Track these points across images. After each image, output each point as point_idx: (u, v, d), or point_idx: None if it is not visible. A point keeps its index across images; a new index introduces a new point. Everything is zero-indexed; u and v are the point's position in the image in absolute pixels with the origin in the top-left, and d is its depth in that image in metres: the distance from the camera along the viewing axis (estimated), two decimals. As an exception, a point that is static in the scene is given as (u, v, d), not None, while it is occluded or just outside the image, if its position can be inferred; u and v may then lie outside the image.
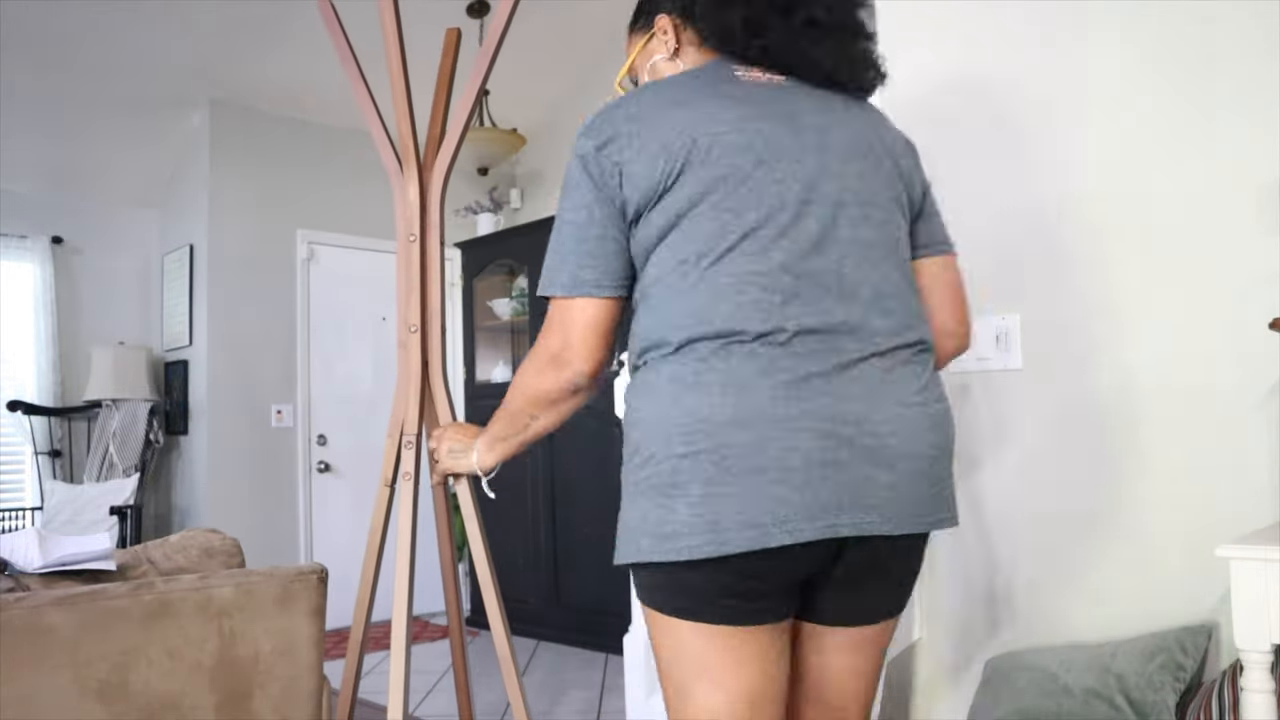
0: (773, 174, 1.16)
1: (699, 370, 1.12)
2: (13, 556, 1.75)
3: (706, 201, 1.15)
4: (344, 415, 5.23)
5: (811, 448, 1.09)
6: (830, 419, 1.10)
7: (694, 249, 1.15)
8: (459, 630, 2.12)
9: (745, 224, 1.14)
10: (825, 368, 1.12)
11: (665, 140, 1.16)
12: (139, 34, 4.26)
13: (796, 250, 1.14)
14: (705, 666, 1.15)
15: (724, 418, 1.09)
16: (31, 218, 4.91)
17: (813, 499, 1.09)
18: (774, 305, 1.12)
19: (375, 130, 2.04)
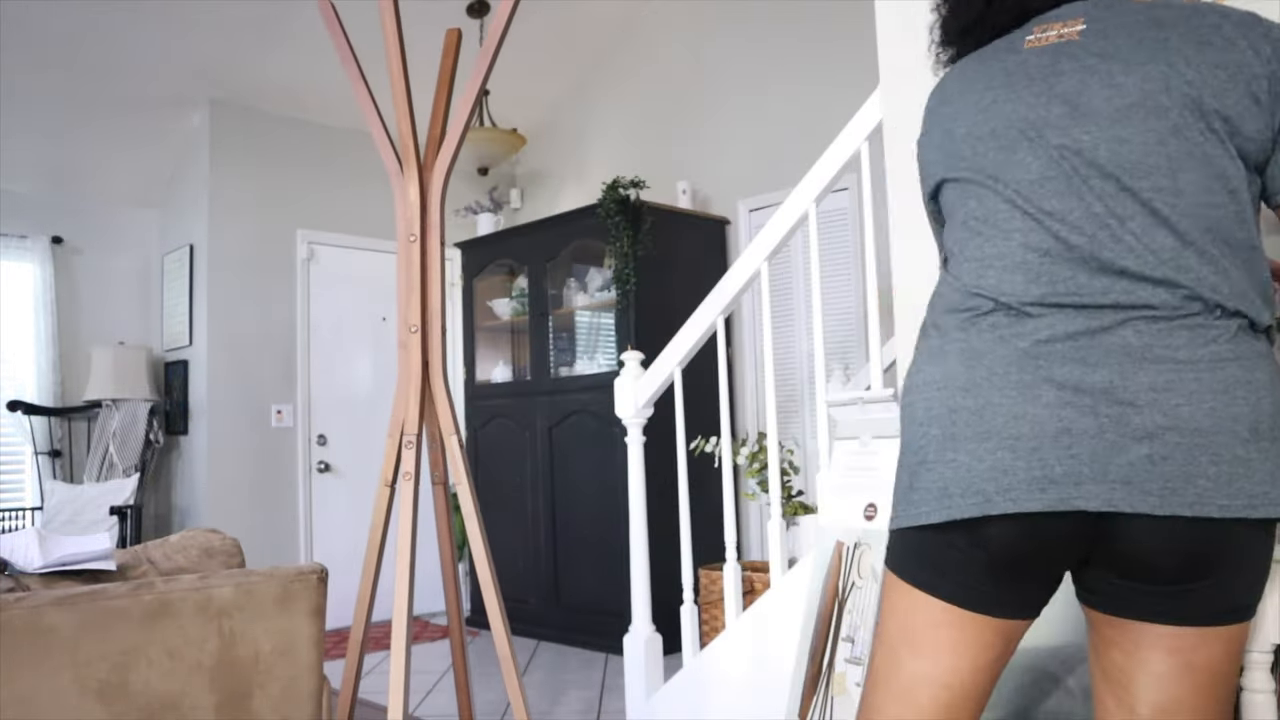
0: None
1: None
2: (13, 556, 1.75)
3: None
4: (344, 415, 5.23)
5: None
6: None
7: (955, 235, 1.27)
8: (459, 630, 2.12)
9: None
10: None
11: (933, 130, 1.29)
12: (139, 34, 4.26)
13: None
14: (919, 639, 1.15)
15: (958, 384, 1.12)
16: (31, 218, 4.91)
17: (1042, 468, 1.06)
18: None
19: (375, 130, 2.04)
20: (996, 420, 1.07)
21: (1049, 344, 1.08)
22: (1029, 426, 1.06)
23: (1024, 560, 1.09)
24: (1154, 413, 1.02)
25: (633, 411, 2.84)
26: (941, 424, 1.12)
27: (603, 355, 4.79)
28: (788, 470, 3.59)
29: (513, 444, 4.88)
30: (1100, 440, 1.03)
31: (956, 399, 1.11)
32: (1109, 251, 1.08)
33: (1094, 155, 1.10)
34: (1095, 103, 1.11)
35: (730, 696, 2.55)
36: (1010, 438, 1.06)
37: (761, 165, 4.63)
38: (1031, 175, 1.14)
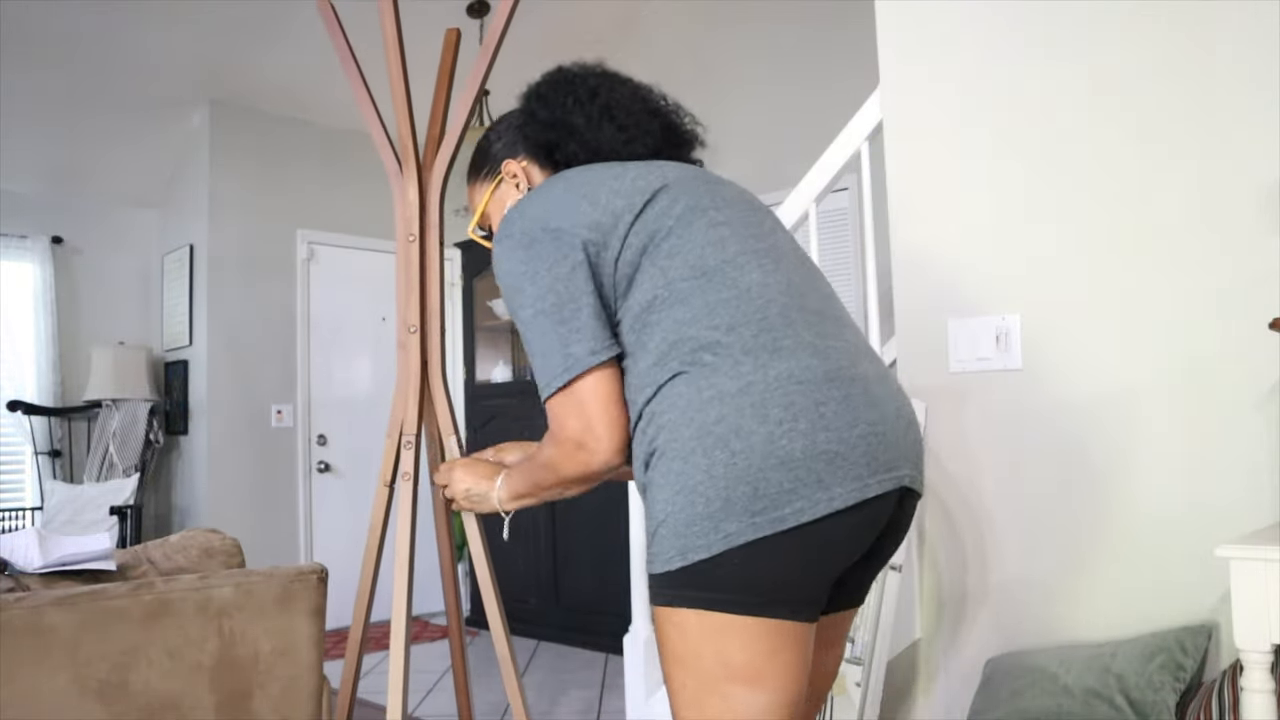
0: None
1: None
2: (13, 556, 1.75)
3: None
4: (344, 415, 5.23)
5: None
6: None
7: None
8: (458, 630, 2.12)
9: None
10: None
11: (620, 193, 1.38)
12: (139, 34, 4.26)
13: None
14: (758, 671, 1.11)
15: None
16: (31, 218, 4.91)
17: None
18: None
19: (375, 130, 2.04)
20: (854, 407, 1.22)
21: (841, 357, 1.27)
22: (869, 411, 1.22)
23: (844, 552, 1.15)
24: (901, 408, 1.24)
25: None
26: (809, 417, 1.21)
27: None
28: (788, 470, 3.58)
29: (513, 444, 4.87)
30: (894, 430, 1.20)
31: (818, 391, 1.25)
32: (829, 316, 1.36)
33: (781, 239, 1.40)
34: (744, 214, 1.39)
35: (730, 696, 2.54)
36: (865, 422, 1.21)
37: (761, 165, 4.63)
38: (761, 247, 1.35)
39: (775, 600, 1.09)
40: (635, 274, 1.21)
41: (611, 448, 1.18)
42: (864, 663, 2.07)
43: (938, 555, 2.19)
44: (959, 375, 2.17)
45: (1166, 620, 1.84)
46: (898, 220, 2.32)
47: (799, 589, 1.10)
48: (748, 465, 1.07)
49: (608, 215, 1.23)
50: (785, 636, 1.10)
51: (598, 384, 1.19)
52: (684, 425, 1.11)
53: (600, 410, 1.18)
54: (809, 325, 1.19)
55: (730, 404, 1.10)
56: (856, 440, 1.11)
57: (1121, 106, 1.96)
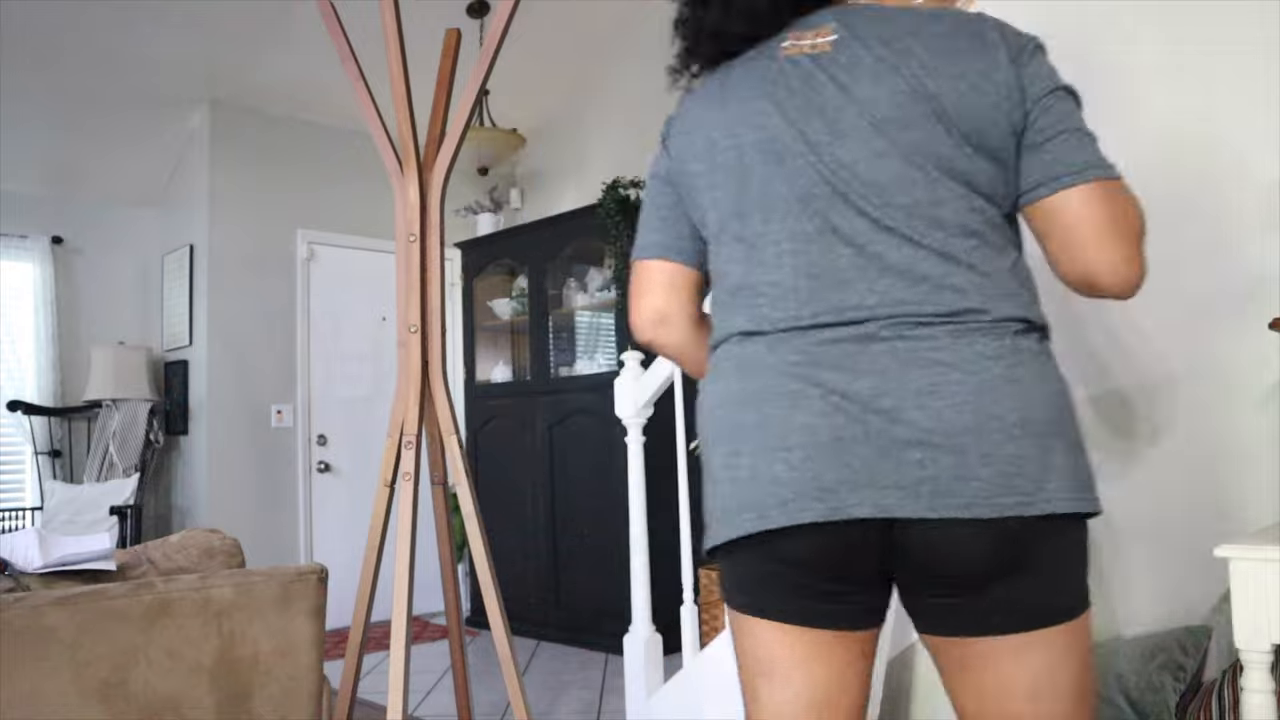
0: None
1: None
2: (13, 556, 1.75)
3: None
4: (344, 415, 5.23)
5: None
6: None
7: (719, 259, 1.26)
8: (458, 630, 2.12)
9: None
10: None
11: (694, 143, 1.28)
12: (139, 34, 4.26)
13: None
14: (770, 666, 1.13)
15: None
16: (31, 218, 4.91)
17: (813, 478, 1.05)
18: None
19: (375, 130, 2.04)
20: (773, 433, 1.07)
21: (818, 349, 1.08)
22: (801, 436, 1.05)
23: (821, 572, 1.08)
24: (921, 417, 1.01)
25: (633, 411, 2.83)
26: (726, 441, 1.13)
27: (603, 355, 4.79)
28: (788, 470, 3.58)
29: (513, 444, 4.87)
30: (869, 446, 1.02)
31: (736, 415, 1.12)
32: (872, 267, 1.08)
33: (854, 171, 1.09)
34: (848, 119, 1.10)
35: (730, 697, 2.55)
36: (784, 449, 1.06)
37: (761, 165, 4.62)
38: (797, 193, 1.12)
39: (760, 603, 1.13)
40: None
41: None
42: (864, 663, 2.07)
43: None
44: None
45: (1166, 620, 1.84)
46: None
47: (776, 597, 1.11)
48: (712, 477, 1.16)
49: None
50: (790, 638, 1.12)
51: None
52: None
53: None
54: (743, 337, 1.15)
55: (703, 415, 1.20)
56: (743, 480, 1.10)
57: (1121, 105, 1.96)
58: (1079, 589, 1.06)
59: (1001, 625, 1.05)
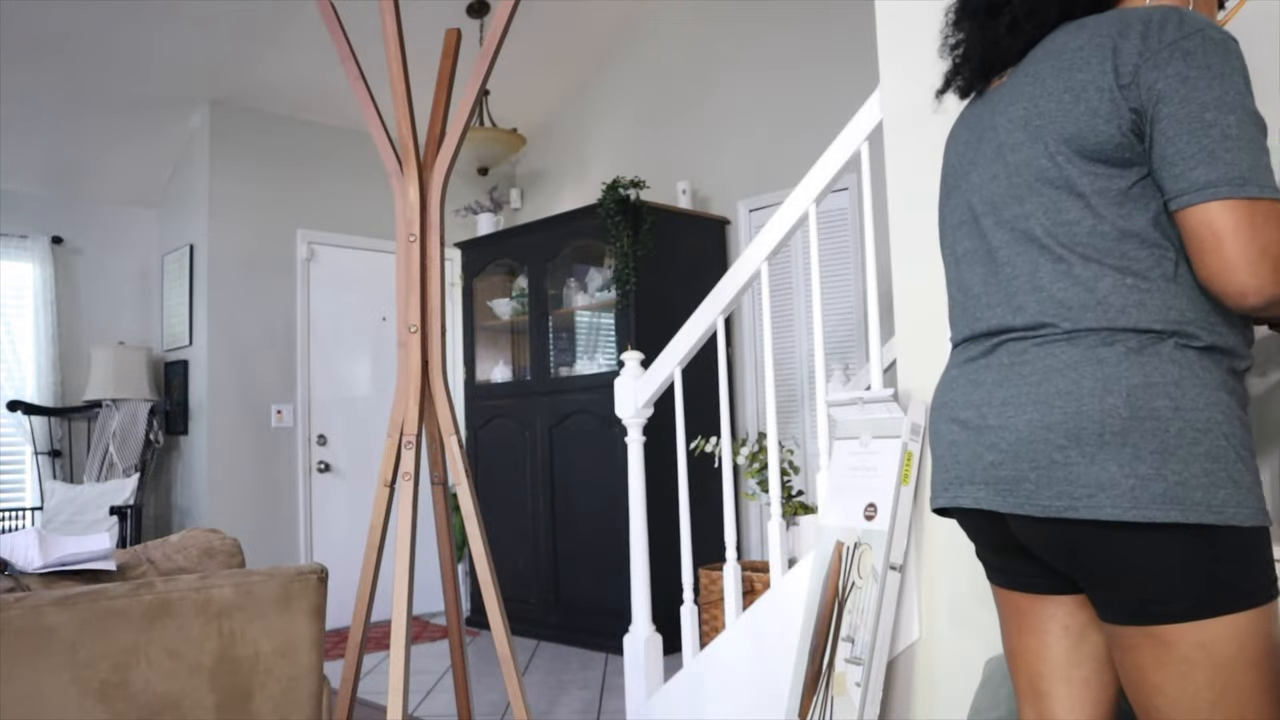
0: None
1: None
2: (13, 556, 1.75)
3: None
4: (344, 415, 5.23)
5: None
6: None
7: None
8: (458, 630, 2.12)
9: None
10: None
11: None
12: (139, 34, 4.26)
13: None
14: (1003, 620, 1.33)
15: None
16: (31, 218, 4.91)
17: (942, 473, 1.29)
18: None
19: (375, 130, 2.04)
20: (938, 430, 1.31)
21: (962, 367, 1.27)
22: (940, 441, 1.29)
23: (981, 544, 1.30)
24: (1000, 422, 1.16)
25: (633, 411, 2.83)
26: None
27: (603, 355, 4.79)
28: (788, 470, 3.59)
29: (513, 444, 4.87)
30: (968, 449, 1.21)
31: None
32: (993, 283, 1.22)
33: (980, 195, 1.24)
34: (987, 148, 1.24)
35: (730, 697, 2.55)
36: (938, 449, 1.30)
37: (761, 165, 4.63)
38: (955, 220, 1.31)
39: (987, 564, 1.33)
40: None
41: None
42: (864, 663, 2.07)
43: (938, 555, 2.19)
44: (959, 375, 2.17)
45: (1166, 620, 1.84)
46: (898, 219, 2.32)
47: (984, 557, 1.33)
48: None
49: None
50: (1000, 599, 1.32)
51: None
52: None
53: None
54: (959, 316, 1.31)
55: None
56: (938, 457, 1.30)
57: (1121, 106, 1.96)
58: (1177, 594, 1.06)
59: (1106, 614, 1.14)
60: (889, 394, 2.20)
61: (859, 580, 2.15)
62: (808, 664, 2.20)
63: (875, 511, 2.16)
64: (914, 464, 2.16)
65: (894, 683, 2.22)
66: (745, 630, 2.53)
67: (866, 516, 2.17)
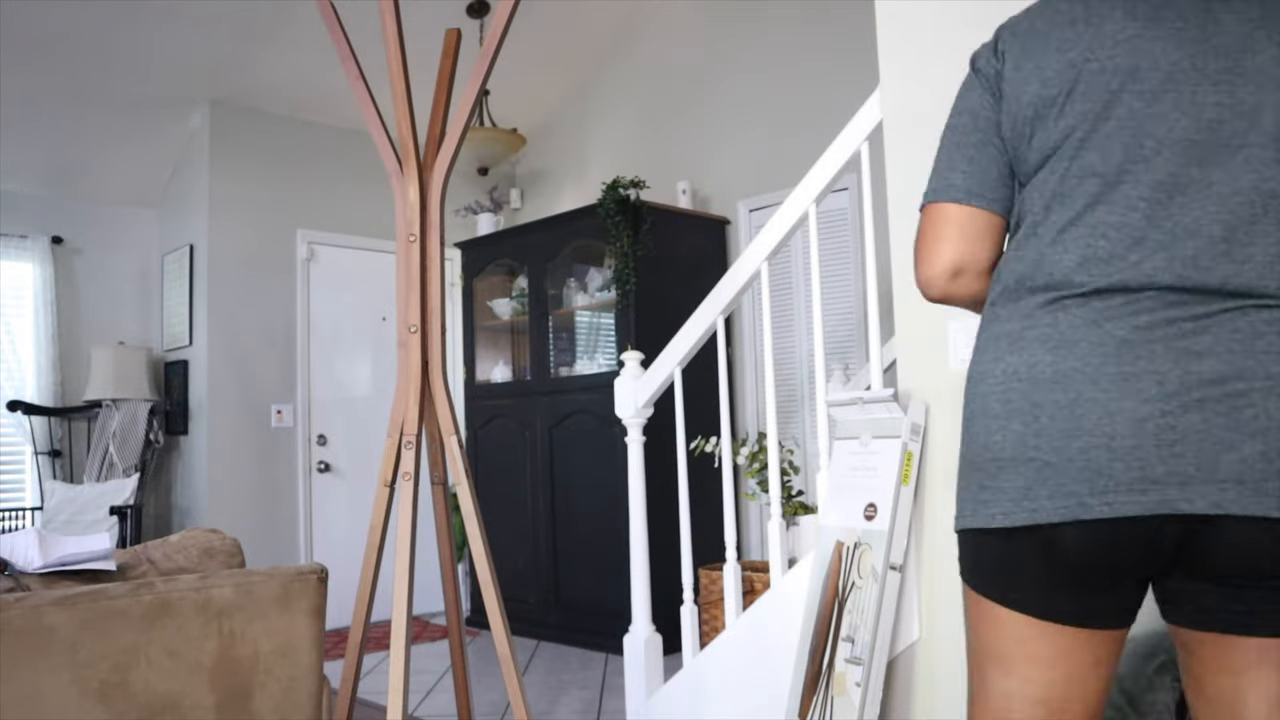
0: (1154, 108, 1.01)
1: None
2: (13, 556, 1.75)
3: (1070, 141, 1.04)
4: (344, 415, 5.23)
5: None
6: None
7: (1047, 193, 1.07)
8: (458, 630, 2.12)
9: (1108, 170, 1.02)
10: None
11: (1043, 66, 1.07)
12: (139, 34, 4.26)
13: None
14: (1005, 655, 1.07)
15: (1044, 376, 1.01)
16: (31, 218, 4.91)
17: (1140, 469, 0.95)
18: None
19: (375, 130, 2.04)
20: (1090, 416, 0.97)
21: (1151, 329, 0.97)
22: (1126, 423, 0.95)
23: (1102, 569, 1.00)
24: (1271, 404, 0.92)
25: (633, 411, 2.84)
26: (1024, 419, 1.01)
27: (603, 355, 4.79)
28: (788, 470, 3.59)
29: (513, 444, 4.88)
30: (1208, 436, 0.93)
31: (1042, 392, 1.00)
32: (1243, 234, 0.96)
33: (1257, 120, 0.98)
34: (1261, 63, 0.99)
35: (730, 696, 2.55)
36: (1106, 435, 0.96)
37: (761, 165, 4.63)
38: (1176, 134, 1.00)
39: (1009, 592, 1.05)
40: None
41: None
42: (864, 663, 2.07)
43: (938, 555, 2.19)
44: (959, 375, 2.17)
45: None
46: (898, 219, 2.32)
47: (1032, 588, 1.04)
48: (976, 454, 1.06)
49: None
50: (1034, 631, 1.05)
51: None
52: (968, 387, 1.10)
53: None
54: (1086, 297, 1.01)
55: (973, 389, 1.08)
56: (1075, 453, 0.98)
57: (1121, 106, 1.96)
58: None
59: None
60: (889, 394, 2.20)
61: (859, 580, 2.15)
62: (808, 664, 2.20)
63: (875, 511, 2.16)
64: (914, 464, 2.16)
65: (894, 683, 2.22)
66: (745, 630, 2.53)
67: (866, 516, 2.17)
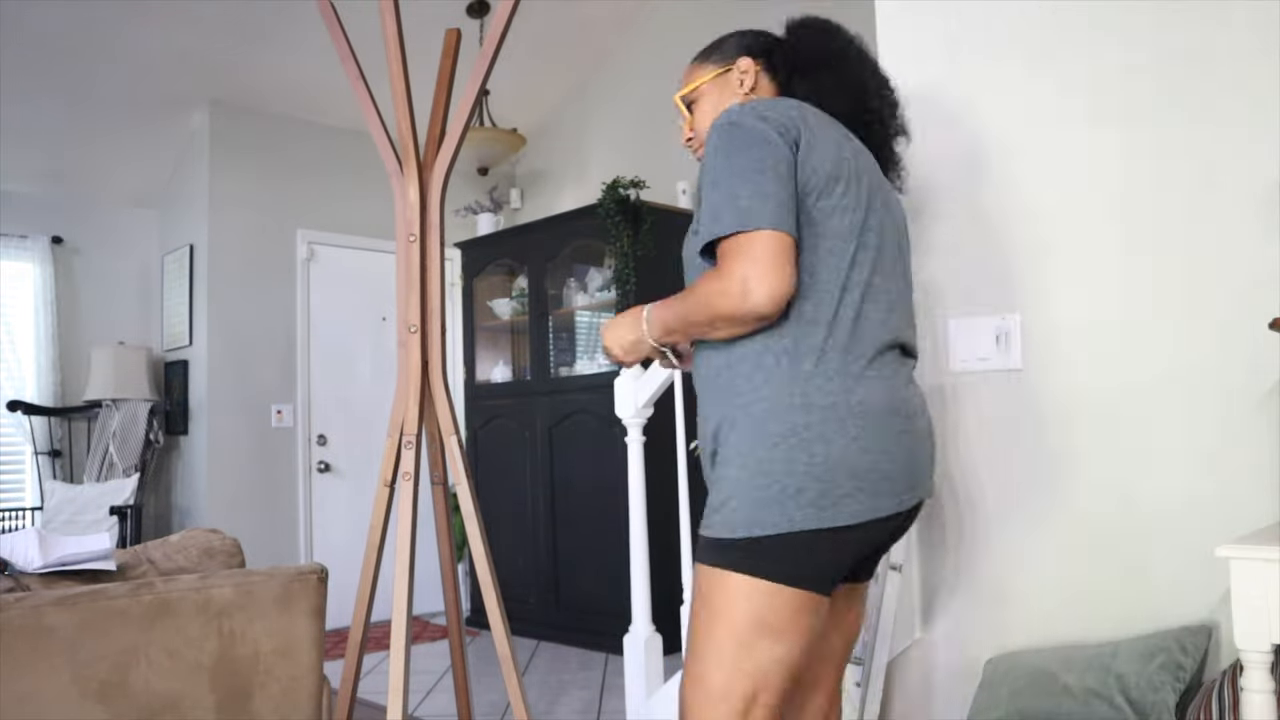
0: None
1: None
2: (13, 556, 1.75)
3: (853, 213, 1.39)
4: (344, 415, 5.23)
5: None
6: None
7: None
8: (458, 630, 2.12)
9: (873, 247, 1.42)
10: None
11: (831, 150, 1.38)
12: (139, 34, 4.26)
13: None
14: (782, 628, 1.33)
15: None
16: (31, 218, 4.91)
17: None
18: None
19: (375, 130, 2.04)
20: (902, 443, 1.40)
21: (899, 372, 1.43)
22: (898, 445, 1.38)
23: (865, 547, 1.39)
24: (930, 427, 1.48)
25: (633, 411, 2.83)
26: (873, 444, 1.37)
27: (602, 355, 4.79)
28: (788, 470, 3.58)
29: (513, 444, 4.87)
30: (923, 452, 1.42)
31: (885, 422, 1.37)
32: (904, 305, 1.49)
33: (899, 229, 1.53)
34: (887, 197, 1.50)
35: (730, 696, 2.54)
36: (896, 452, 1.39)
37: (761, 165, 4.62)
38: (892, 238, 1.46)
39: (809, 577, 1.32)
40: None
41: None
42: (864, 663, 2.07)
43: (938, 555, 2.19)
44: (959, 375, 2.17)
45: (1166, 620, 1.84)
46: (898, 220, 2.32)
47: (831, 570, 1.34)
48: (826, 467, 1.30)
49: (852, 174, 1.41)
50: (807, 604, 1.33)
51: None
52: (770, 416, 1.33)
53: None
54: (890, 356, 1.41)
55: (818, 414, 1.32)
56: (903, 469, 1.35)
57: (1122, 105, 1.96)
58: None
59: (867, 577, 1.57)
60: (889, 394, 2.19)
61: (859, 580, 2.15)
62: (808, 664, 2.20)
63: (875, 511, 2.15)
64: (914, 464, 2.16)
65: (894, 683, 2.22)
66: (745, 630, 2.52)
67: (866, 516, 2.17)
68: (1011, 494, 2.08)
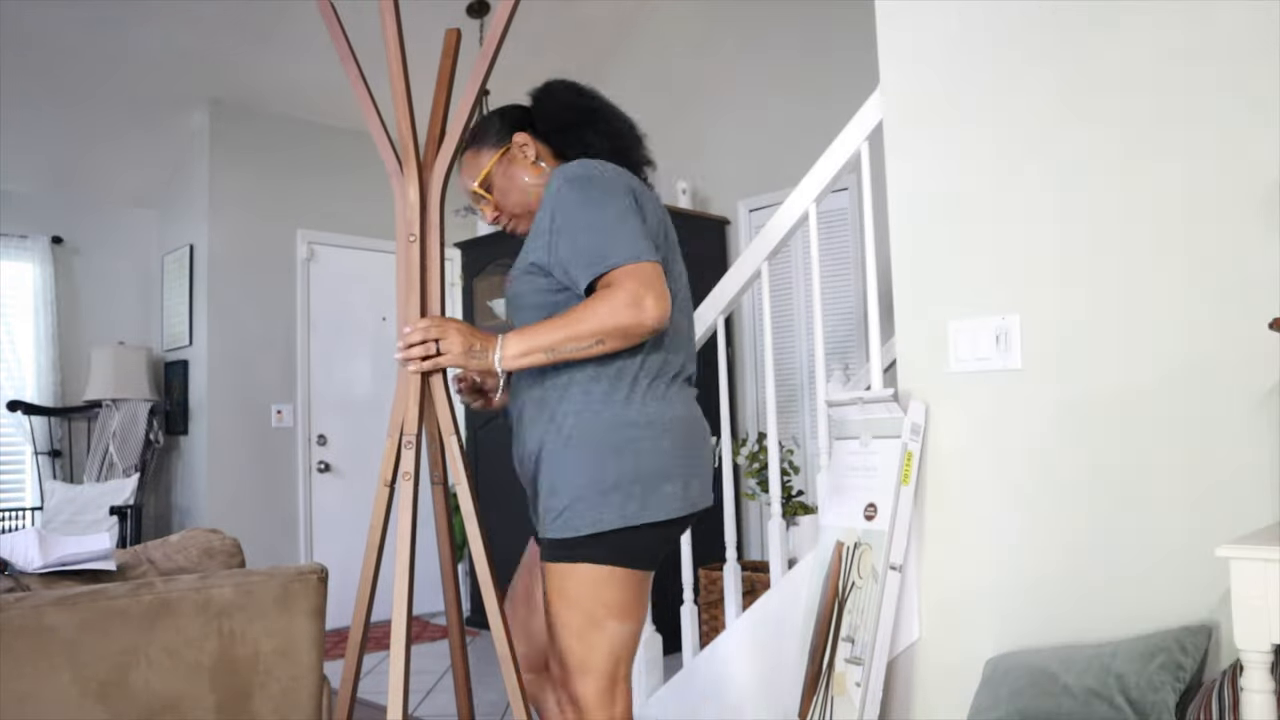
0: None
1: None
2: (13, 556, 1.75)
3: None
4: (344, 415, 5.23)
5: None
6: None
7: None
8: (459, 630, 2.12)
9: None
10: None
11: (652, 207, 1.69)
12: (139, 34, 4.26)
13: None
14: (635, 608, 1.65)
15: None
16: (31, 218, 4.91)
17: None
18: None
19: (375, 130, 2.04)
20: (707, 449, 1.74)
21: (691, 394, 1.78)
22: (709, 452, 1.73)
23: (675, 540, 1.71)
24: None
25: (633, 411, 2.83)
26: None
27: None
28: (788, 470, 3.59)
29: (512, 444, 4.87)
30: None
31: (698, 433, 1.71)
32: (690, 338, 1.83)
33: (680, 283, 1.79)
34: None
35: (730, 696, 2.55)
36: (708, 458, 1.74)
37: (761, 165, 4.63)
38: (684, 280, 1.77)
39: (643, 559, 1.62)
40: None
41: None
42: (864, 663, 2.07)
43: (938, 555, 2.19)
44: (959, 375, 2.17)
45: (1166, 620, 1.84)
46: (897, 220, 2.32)
47: (660, 552, 1.65)
48: (650, 472, 1.59)
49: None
50: (643, 583, 1.64)
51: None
52: (602, 432, 1.61)
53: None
54: (689, 380, 1.75)
55: (641, 430, 1.61)
56: (705, 475, 1.69)
57: (1121, 105, 1.96)
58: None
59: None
60: (889, 394, 2.20)
61: (859, 580, 2.15)
62: (808, 664, 2.20)
63: (875, 511, 2.16)
64: (914, 464, 2.16)
65: (894, 683, 2.22)
66: (745, 630, 2.52)
67: (866, 516, 2.17)
68: (1011, 494, 2.08)
